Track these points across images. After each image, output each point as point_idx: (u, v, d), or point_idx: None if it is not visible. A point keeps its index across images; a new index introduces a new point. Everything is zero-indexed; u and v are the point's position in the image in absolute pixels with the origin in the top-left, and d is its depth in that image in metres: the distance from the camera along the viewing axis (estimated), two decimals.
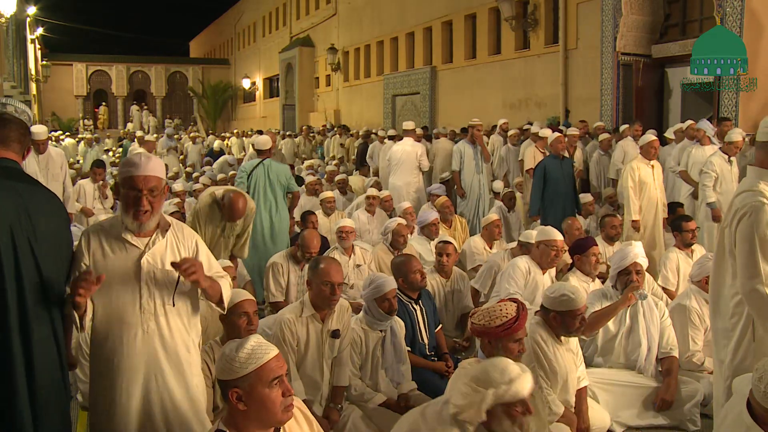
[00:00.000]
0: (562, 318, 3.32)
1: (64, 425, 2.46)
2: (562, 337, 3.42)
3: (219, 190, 5.02)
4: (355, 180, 10.75)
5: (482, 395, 2.24)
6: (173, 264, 2.44)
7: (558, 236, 4.68)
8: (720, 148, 6.76)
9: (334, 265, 3.55)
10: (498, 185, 8.81)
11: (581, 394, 3.55)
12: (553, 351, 3.37)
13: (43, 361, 2.31)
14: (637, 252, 3.97)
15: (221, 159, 14.70)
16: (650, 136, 6.56)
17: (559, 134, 7.52)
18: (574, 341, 3.55)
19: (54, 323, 2.38)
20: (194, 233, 2.70)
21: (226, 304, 2.69)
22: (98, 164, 8.77)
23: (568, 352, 3.47)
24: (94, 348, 2.55)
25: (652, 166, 6.44)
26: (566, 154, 7.54)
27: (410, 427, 2.43)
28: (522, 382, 2.26)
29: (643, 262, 4.00)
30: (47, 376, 2.32)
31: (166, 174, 7.51)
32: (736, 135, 6.70)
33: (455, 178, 8.44)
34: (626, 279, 3.91)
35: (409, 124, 9.51)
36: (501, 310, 2.80)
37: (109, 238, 2.51)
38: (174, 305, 2.54)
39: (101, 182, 8.40)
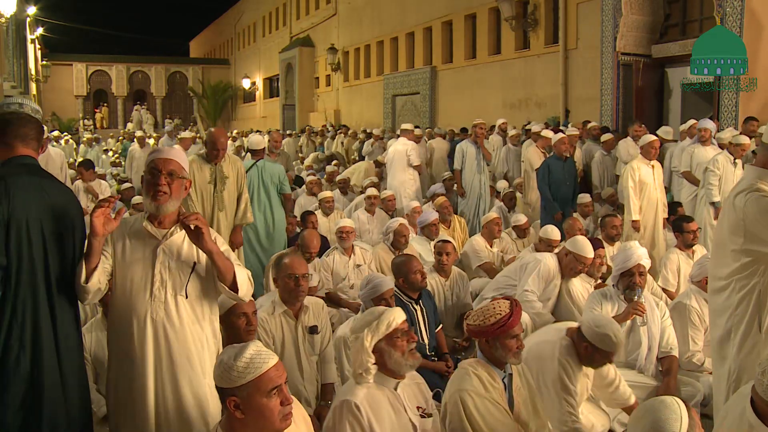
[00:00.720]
0: (593, 352, 3.15)
1: (85, 408, 2.60)
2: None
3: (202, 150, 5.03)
4: (362, 166, 10.82)
5: (361, 337, 2.49)
6: (181, 220, 2.48)
7: (590, 255, 4.53)
8: (727, 149, 6.74)
9: (296, 258, 3.61)
10: (502, 185, 8.80)
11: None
12: (576, 376, 3.25)
13: (68, 347, 2.48)
14: (640, 254, 3.95)
15: None
16: (650, 136, 6.56)
17: (563, 135, 7.51)
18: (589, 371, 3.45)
19: (76, 313, 2.57)
20: (213, 231, 2.70)
21: (241, 291, 2.58)
22: (84, 164, 8.67)
23: (584, 377, 3.38)
24: (111, 338, 2.63)
25: (653, 166, 6.43)
26: (568, 155, 7.54)
27: (332, 412, 2.56)
28: (391, 312, 2.54)
29: (646, 263, 3.99)
30: (72, 362, 2.50)
31: None
32: (743, 137, 6.69)
33: (456, 177, 8.46)
34: (629, 281, 3.90)
35: (407, 125, 9.55)
36: (494, 308, 2.77)
37: (131, 230, 2.59)
38: (187, 296, 2.55)
39: (89, 183, 8.35)
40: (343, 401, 2.45)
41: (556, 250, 5.53)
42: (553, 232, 5.51)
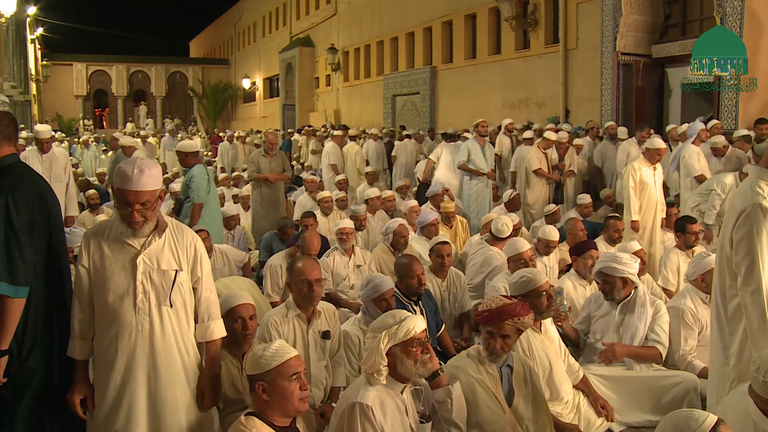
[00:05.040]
0: (528, 300, 3.35)
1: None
2: (542, 326, 3.49)
3: None
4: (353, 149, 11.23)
5: (378, 339, 2.52)
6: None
7: (523, 247, 4.59)
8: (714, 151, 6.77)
9: (309, 262, 3.59)
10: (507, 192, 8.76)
11: (585, 381, 3.66)
12: (529, 340, 3.39)
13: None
14: (625, 265, 3.95)
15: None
16: (660, 142, 6.39)
17: (588, 206, 7.35)
18: (554, 332, 3.60)
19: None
20: (195, 237, 2.68)
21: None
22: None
23: (549, 341, 3.50)
24: (97, 349, 2.57)
25: (654, 168, 6.42)
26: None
27: (341, 413, 2.57)
28: (412, 320, 2.54)
29: (617, 268, 3.95)
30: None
31: (166, 173, 7.37)
32: (719, 138, 6.77)
33: (464, 168, 8.48)
34: (603, 287, 3.97)
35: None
36: (498, 299, 2.90)
37: (107, 239, 2.53)
38: (171, 305, 2.53)
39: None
40: (355, 403, 2.44)
41: (553, 252, 5.56)
42: (551, 232, 5.50)
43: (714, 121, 8.09)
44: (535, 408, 2.98)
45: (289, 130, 17.32)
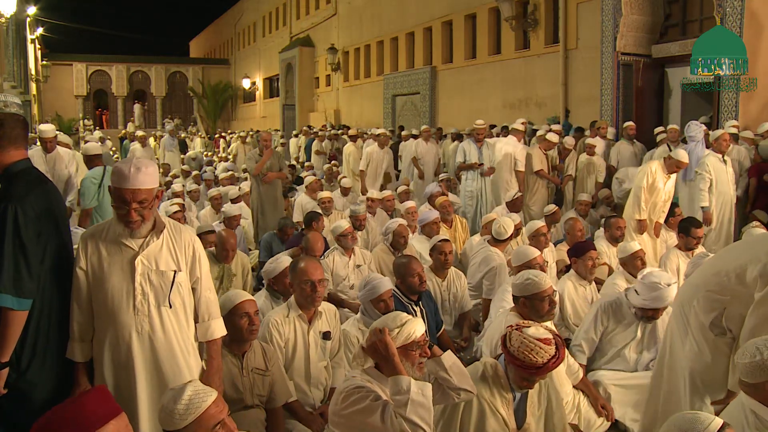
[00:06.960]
0: (530, 302, 3.34)
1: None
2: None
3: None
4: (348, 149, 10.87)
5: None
6: None
7: (533, 254, 4.47)
8: (711, 147, 6.72)
9: (312, 263, 3.60)
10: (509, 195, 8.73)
11: (585, 382, 3.69)
12: None
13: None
14: (672, 296, 3.80)
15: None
16: (684, 155, 6.21)
17: (584, 204, 7.34)
18: None
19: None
20: (194, 237, 2.67)
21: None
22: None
23: None
24: (96, 350, 2.57)
25: (668, 177, 6.38)
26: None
27: (333, 401, 2.55)
28: (413, 324, 2.52)
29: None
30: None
31: (167, 173, 7.37)
32: (719, 130, 6.73)
33: (463, 167, 8.51)
34: (650, 314, 3.86)
35: (518, 125, 9.00)
36: (536, 351, 2.61)
37: (105, 240, 2.52)
38: (171, 306, 2.53)
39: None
40: (358, 386, 2.41)
41: (551, 252, 5.58)
42: (536, 222, 5.61)
43: (732, 122, 8.07)
44: (550, 424, 2.90)
45: (305, 129, 17.30)
